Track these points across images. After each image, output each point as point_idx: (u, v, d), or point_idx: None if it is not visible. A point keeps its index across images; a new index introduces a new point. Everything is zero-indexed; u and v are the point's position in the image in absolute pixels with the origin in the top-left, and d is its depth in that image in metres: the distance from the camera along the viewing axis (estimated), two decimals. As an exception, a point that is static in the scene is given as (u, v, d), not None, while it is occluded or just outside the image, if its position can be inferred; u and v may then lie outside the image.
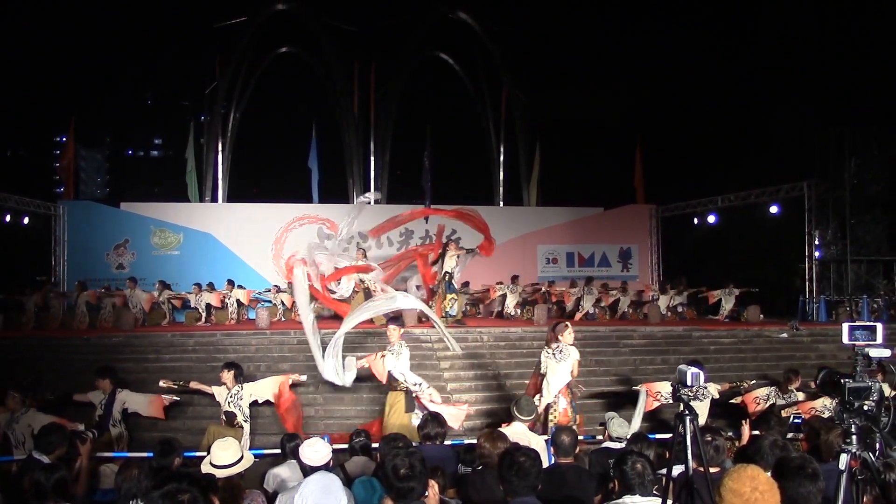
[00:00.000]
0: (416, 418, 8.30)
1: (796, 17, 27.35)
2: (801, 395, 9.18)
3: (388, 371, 8.69)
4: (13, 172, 37.01)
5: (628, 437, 5.93)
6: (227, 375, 8.89)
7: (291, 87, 30.93)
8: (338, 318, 12.03)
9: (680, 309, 18.57)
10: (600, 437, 6.75)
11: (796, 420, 7.91)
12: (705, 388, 8.97)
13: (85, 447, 5.81)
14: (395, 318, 9.79)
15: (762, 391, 9.59)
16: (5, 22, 34.43)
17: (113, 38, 44.21)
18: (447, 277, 14.26)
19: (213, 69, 22.08)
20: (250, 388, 9.02)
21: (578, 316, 17.12)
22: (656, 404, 9.43)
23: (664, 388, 9.34)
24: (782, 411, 8.71)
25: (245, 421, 8.89)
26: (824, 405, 8.16)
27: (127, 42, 45.97)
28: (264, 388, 9.21)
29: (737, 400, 9.93)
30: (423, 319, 13.49)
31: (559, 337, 8.26)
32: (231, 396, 8.84)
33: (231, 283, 17.24)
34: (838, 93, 24.22)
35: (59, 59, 42.41)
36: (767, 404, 9.29)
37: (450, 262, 14.25)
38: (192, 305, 16.98)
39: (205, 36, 25.57)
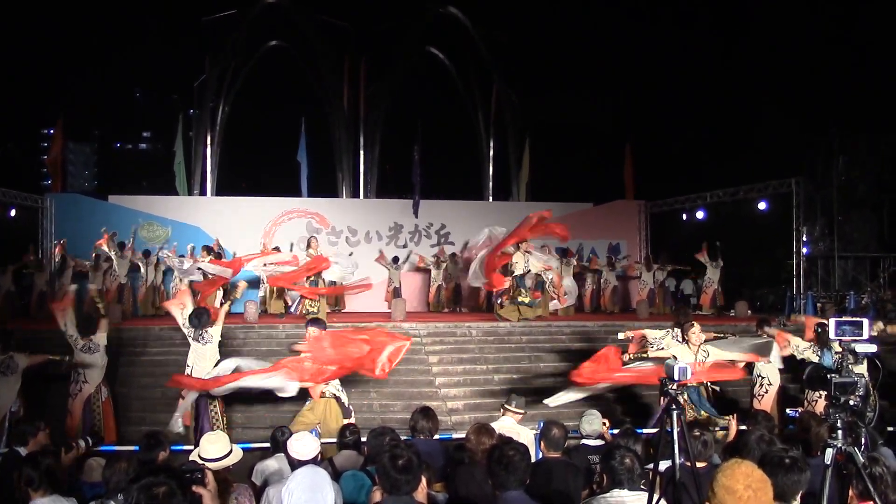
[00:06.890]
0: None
1: (787, 18, 27.46)
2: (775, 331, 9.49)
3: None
4: (0, 165, 36.73)
5: (598, 432, 5.99)
6: (313, 332, 8.03)
7: (281, 81, 30.77)
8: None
9: (667, 284, 19.11)
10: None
11: (791, 414, 7.99)
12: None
13: (69, 455, 5.52)
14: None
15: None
16: (-8, 13, 34.18)
17: (101, 30, 44.01)
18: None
19: (202, 62, 21.92)
20: None
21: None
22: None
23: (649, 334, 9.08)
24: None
25: (334, 395, 7.92)
26: (796, 346, 8.59)
27: (116, 35, 45.68)
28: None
29: None
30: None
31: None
32: None
33: None
34: (828, 93, 24.33)
35: (48, 52, 42.16)
36: None
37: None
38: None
39: (194, 29, 25.45)
